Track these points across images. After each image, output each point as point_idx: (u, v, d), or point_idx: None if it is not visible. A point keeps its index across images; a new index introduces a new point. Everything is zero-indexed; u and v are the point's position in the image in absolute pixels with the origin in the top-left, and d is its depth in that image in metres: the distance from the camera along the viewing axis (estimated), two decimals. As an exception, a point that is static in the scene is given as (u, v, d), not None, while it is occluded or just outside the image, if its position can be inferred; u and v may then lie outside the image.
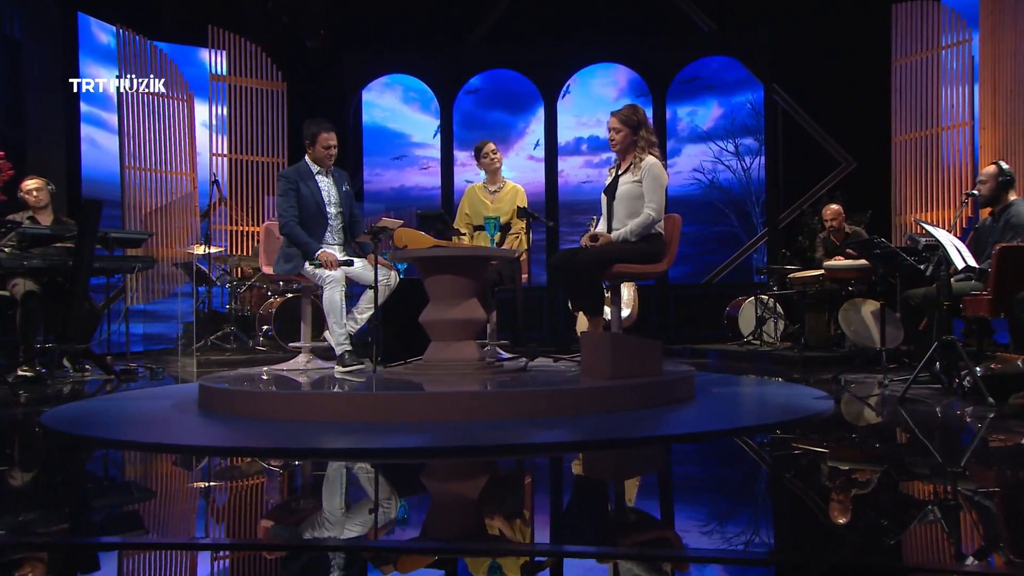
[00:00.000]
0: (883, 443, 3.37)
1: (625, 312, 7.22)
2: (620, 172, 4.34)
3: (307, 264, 4.46)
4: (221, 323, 7.61)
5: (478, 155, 5.16)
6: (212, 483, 2.76)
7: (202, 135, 9.00)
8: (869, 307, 5.86)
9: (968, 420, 3.65)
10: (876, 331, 5.61)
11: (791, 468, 2.86)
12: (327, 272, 4.38)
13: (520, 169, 9.34)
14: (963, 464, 2.87)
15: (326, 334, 4.54)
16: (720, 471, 2.90)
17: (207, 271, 7.87)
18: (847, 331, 6.00)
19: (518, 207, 4.71)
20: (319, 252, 4.44)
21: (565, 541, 2.04)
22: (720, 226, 9.06)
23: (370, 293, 4.44)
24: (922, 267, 4.32)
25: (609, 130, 4.36)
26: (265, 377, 4.35)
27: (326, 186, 4.68)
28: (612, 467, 2.91)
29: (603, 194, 4.45)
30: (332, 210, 4.68)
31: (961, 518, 2.21)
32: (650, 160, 4.23)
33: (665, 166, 4.33)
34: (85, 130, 8.24)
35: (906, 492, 2.54)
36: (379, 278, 4.38)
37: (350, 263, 4.47)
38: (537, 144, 9.39)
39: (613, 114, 4.34)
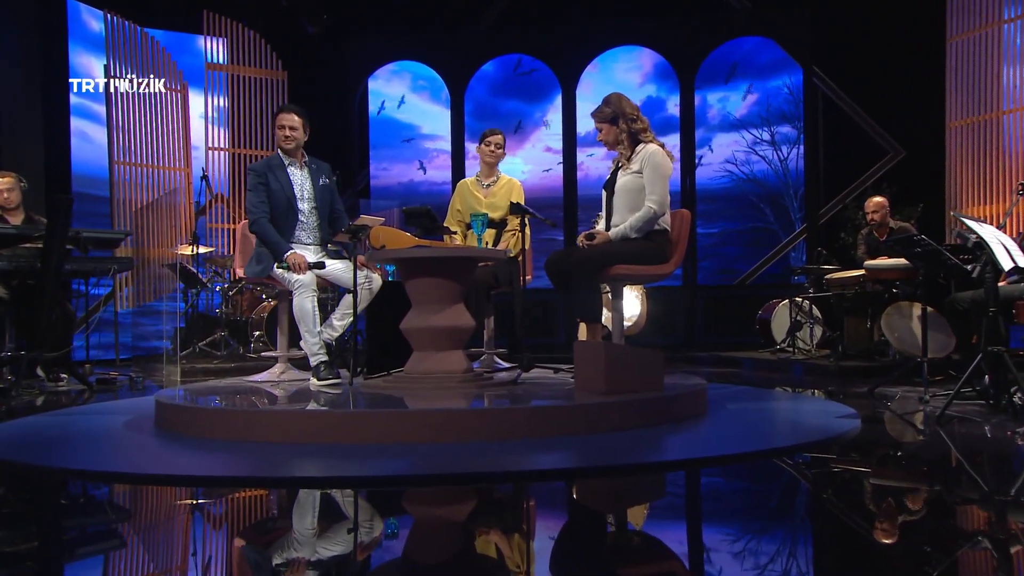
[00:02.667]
0: (914, 472, 3.08)
1: (634, 312, 6.94)
2: (620, 164, 4.14)
3: (275, 267, 4.27)
4: (212, 328, 7.48)
5: (481, 142, 4.96)
6: (141, 520, 2.58)
7: (198, 128, 8.92)
8: (916, 311, 5.52)
9: (1020, 443, 3.35)
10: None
11: (801, 505, 2.60)
12: (295, 276, 4.19)
13: (536, 161, 9.13)
14: (1013, 493, 2.58)
15: (302, 343, 4.35)
16: (711, 508, 2.64)
17: (197, 272, 7.75)
18: (890, 338, 5.67)
19: (511, 203, 4.49)
20: (288, 254, 4.24)
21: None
22: (754, 222, 8.73)
23: (350, 298, 4.25)
24: (969, 267, 4.01)
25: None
26: (237, 390, 4.19)
27: (299, 179, 4.47)
28: (596, 499, 2.68)
29: (603, 189, 4.23)
30: (305, 206, 4.47)
31: (1015, 554, 1.98)
32: (650, 148, 4.01)
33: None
34: (75, 123, 8.20)
35: (944, 532, 2.27)
36: (360, 281, 4.18)
37: (321, 266, 4.26)
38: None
39: (592, 115, 4.26)
